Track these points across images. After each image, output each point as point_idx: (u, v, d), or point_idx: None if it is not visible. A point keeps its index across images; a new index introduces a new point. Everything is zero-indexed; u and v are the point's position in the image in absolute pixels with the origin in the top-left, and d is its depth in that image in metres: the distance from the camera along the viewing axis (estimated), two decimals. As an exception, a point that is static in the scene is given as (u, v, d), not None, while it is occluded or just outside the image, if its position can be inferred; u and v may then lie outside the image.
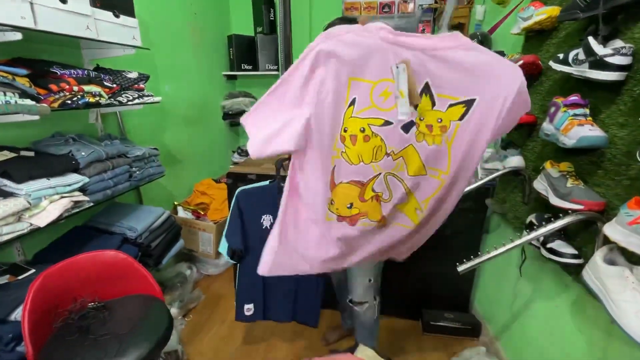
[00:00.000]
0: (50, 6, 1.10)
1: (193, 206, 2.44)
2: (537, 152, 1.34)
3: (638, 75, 0.88)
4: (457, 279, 1.90)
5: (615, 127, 0.95)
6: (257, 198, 1.48)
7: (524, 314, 1.46)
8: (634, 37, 0.90)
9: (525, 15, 1.32)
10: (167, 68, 2.23)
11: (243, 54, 3.00)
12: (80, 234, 1.52)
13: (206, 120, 2.85)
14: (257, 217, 1.50)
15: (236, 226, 1.46)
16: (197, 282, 2.35)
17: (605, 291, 0.86)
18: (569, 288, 1.18)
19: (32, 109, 1.07)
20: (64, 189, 1.21)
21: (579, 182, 1.04)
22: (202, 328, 1.93)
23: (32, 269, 1.23)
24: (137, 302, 1.27)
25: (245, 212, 1.47)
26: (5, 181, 1.08)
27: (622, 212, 0.81)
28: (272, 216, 1.48)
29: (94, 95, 1.34)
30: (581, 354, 1.10)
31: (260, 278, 1.50)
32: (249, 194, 1.49)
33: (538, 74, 1.34)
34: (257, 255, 1.45)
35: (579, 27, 1.12)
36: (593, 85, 1.01)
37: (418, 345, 1.83)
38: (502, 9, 1.78)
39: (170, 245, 1.83)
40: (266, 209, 1.48)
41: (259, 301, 1.60)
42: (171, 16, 2.27)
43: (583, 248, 1.07)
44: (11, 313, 1.08)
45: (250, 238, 1.51)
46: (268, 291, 1.60)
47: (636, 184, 0.88)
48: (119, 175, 1.49)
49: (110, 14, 1.36)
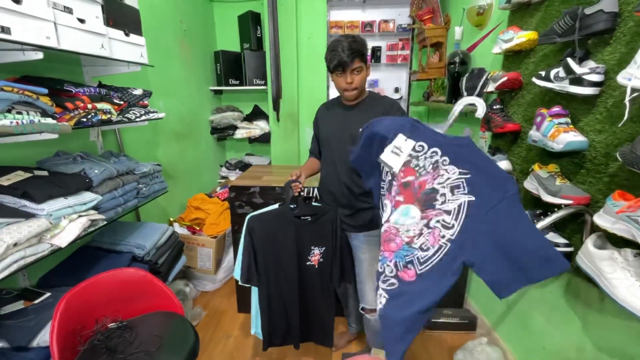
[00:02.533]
0: (71, 26, 1.11)
1: (188, 222, 2.41)
2: (523, 157, 1.52)
3: (609, 90, 1.06)
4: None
5: (594, 133, 1.13)
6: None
7: (520, 303, 1.61)
8: (604, 59, 1.09)
9: (506, 38, 1.51)
10: (160, 84, 2.23)
11: (230, 69, 3.05)
12: (86, 255, 1.48)
13: (195, 135, 2.84)
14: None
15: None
16: (194, 299, 2.30)
17: (599, 272, 1.01)
18: (561, 274, 1.33)
19: (55, 127, 1.06)
20: (81, 207, 1.19)
21: (565, 181, 1.21)
22: (208, 345, 1.90)
23: (46, 292, 1.19)
24: (158, 318, 1.26)
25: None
26: (24, 202, 1.05)
27: (609, 204, 0.97)
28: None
29: (105, 113, 1.34)
30: (577, 331, 1.25)
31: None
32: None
33: (520, 88, 1.53)
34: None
35: (554, 48, 1.31)
36: (571, 97, 1.20)
37: (422, 342, 1.92)
38: (479, 30, 2.00)
39: (175, 262, 1.81)
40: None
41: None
42: (163, 33, 2.28)
43: (572, 238, 1.23)
44: (33, 339, 1.03)
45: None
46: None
47: (615, 180, 1.05)
48: (129, 192, 1.47)
49: (122, 33, 1.38)
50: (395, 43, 2.98)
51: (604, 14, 1.02)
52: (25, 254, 0.99)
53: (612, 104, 1.06)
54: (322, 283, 1.52)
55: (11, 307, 1.10)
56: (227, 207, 2.46)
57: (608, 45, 1.07)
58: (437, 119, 2.85)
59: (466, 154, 0.92)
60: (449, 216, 0.91)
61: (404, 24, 2.91)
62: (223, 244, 2.40)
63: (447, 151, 0.94)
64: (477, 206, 0.88)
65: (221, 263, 2.42)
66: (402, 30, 2.92)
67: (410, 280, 0.97)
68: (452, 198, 0.91)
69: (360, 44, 1.31)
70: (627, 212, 0.90)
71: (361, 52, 1.30)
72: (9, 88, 0.94)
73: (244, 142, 3.31)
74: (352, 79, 1.32)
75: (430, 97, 2.57)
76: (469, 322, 1.99)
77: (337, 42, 1.31)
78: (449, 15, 2.42)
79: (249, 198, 1.99)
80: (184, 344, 1.16)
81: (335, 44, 1.32)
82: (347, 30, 2.95)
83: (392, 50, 3.00)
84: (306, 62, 2.94)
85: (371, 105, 1.43)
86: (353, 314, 1.87)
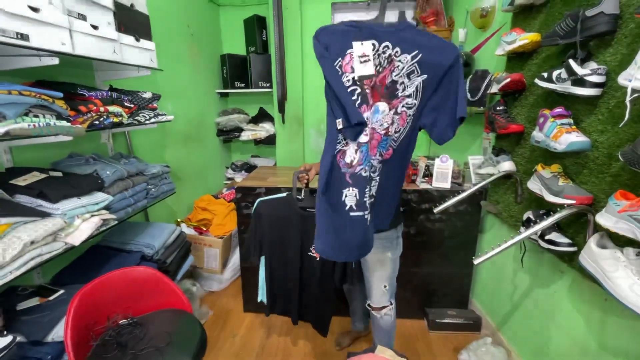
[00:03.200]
0: (85, 32, 1.15)
1: (195, 222, 2.45)
2: (526, 157, 1.53)
3: (611, 91, 1.07)
4: (457, 278, 2.08)
5: (596, 133, 1.14)
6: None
7: (524, 303, 1.62)
8: (605, 60, 1.10)
9: (508, 40, 1.52)
10: (168, 87, 2.28)
11: (236, 72, 3.09)
12: (97, 254, 1.52)
13: (202, 137, 2.88)
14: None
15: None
16: (201, 298, 2.34)
17: (601, 271, 1.02)
18: (564, 274, 1.34)
19: (70, 130, 1.10)
20: (93, 207, 1.23)
21: (568, 181, 1.22)
22: (214, 344, 1.93)
23: (60, 289, 1.23)
24: (168, 316, 1.29)
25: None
26: (40, 201, 1.09)
27: (611, 203, 0.98)
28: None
29: (116, 116, 1.38)
30: (581, 331, 1.25)
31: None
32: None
33: (523, 89, 1.54)
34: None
35: (557, 50, 1.33)
36: (573, 98, 1.21)
37: (427, 343, 1.93)
38: (483, 32, 2.01)
39: (182, 261, 1.85)
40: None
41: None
42: (172, 38, 2.33)
43: (575, 238, 1.24)
44: (48, 334, 1.07)
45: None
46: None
47: (618, 179, 1.06)
48: (138, 192, 1.51)
49: (132, 38, 1.42)
50: (399, 45, 3.00)
51: (605, 16, 1.04)
52: (41, 251, 1.03)
53: (614, 104, 1.07)
54: (322, 277, 1.56)
55: (27, 303, 1.14)
56: (233, 208, 2.49)
57: (609, 47, 1.08)
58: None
59: (410, 36, 0.99)
60: (410, 98, 1.03)
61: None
62: (229, 244, 2.44)
63: (396, 42, 0.97)
64: (429, 80, 1.00)
65: (227, 263, 2.45)
66: (406, 32, 2.94)
67: (387, 158, 1.09)
68: (410, 82, 1.01)
69: None
70: (628, 211, 0.91)
71: None
72: (27, 92, 0.99)
73: (250, 144, 3.35)
74: None
75: (435, 99, 2.58)
76: (474, 322, 1.99)
77: None
78: (452, 18, 2.43)
79: (254, 199, 2.01)
80: (192, 340, 1.19)
81: None
82: (352, 33, 2.98)
83: (396, 52, 3.02)
84: (311, 64, 2.97)
85: None
86: (358, 313, 1.89)
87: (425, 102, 1.02)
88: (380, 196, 1.12)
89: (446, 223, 1.97)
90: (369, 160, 1.03)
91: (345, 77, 0.97)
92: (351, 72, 0.97)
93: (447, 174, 1.90)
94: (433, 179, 1.91)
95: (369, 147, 1.02)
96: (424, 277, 2.07)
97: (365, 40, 0.96)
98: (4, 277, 0.91)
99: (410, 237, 1.98)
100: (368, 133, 1.00)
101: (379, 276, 1.49)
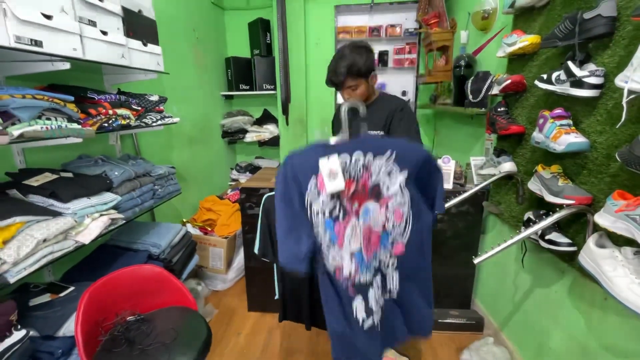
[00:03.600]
0: (95, 38, 1.20)
1: (200, 222, 2.49)
2: (527, 158, 1.54)
3: (610, 92, 1.09)
4: (459, 278, 2.09)
5: (595, 134, 1.15)
6: None
7: (526, 304, 1.63)
8: (604, 62, 1.11)
9: (509, 42, 1.54)
10: (174, 90, 2.32)
11: (240, 74, 3.14)
12: (105, 253, 1.56)
13: (207, 138, 2.93)
14: None
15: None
16: (206, 298, 2.37)
17: (600, 271, 1.03)
18: (565, 274, 1.35)
19: (81, 132, 1.14)
20: (102, 207, 1.27)
21: (568, 181, 1.23)
22: (219, 342, 1.96)
23: (70, 286, 1.26)
24: (174, 313, 1.32)
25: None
26: (51, 201, 1.14)
27: (609, 203, 0.99)
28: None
29: (124, 118, 1.42)
30: (581, 330, 1.26)
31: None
32: None
33: (523, 91, 1.55)
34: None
35: (557, 52, 1.34)
36: (572, 100, 1.22)
37: (429, 342, 1.94)
38: (484, 34, 2.03)
39: (188, 260, 1.88)
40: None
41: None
42: (178, 42, 2.38)
43: (575, 238, 1.25)
44: (59, 329, 1.11)
45: None
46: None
47: (616, 180, 1.07)
48: (145, 193, 1.55)
49: (140, 43, 1.46)
50: (402, 47, 3.02)
51: (603, 19, 1.05)
52: (53, 249, 1.07)
53: (612, 105, 1.08)
54: None
55: (39, 299, 1.18)
56: (238, 209, 2.52)
57: (608, 49, 1.09)
58: (444, 121, 2.87)
59: (377, 142, 1.04)
60: (397, 196, 1.01)
61: (411, 29, 2.95)
62: (234, 244, 2.47)
63: (366, 149, 0.99)
64: (410, 174, 1.01)
65: (232, 263, 2.49)
66: (409, 34, 2.96)
67: (401, 252, 1.05)
68: (392, 181, 1.00)
69: (355, 63, 1.32)
70: (625, 210, 0.92)
71: (355, 71, 1.33)
72: (40, 96, 1.03)
73: (254, 145, 3.39)
74: (349, 94, 1.39)
75: (437, 100, 2.60)
76: (476, 322, 2.00)
77: (333, 61, 1.36)
78: (454, 20, 2.45)
79: (259, 200, 2.04)
80: (197, 337, 1.22)
81: (331, 63, 1.38)
82: (355, 36, 3.01)
83: (399, 54, 3.04)
84: (314, 67, 3.01)
85: (381, 105, 1.50)
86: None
87: (413, 195, 1.02)
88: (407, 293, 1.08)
89: (448, 223, 1.98)
90: (366, 265, 1.03)
91: (322, 196, 0.99)
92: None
93: (449, 174, 1.91)
94: (435, 179, 1.93)
95: (364, 250, 1.02)
96: (427, 277, 2.08)
97: (331, 154, 0.97)
98: (18, 273, 0.95)
99: (413, 238, 1.99)
100: (359, 237, 1.01)
101: None
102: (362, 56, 1.34)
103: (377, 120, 1.48)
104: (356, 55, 1.34)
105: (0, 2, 0.89)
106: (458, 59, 2.14)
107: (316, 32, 2.98)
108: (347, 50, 1.36)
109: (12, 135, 0.93)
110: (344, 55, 1.35)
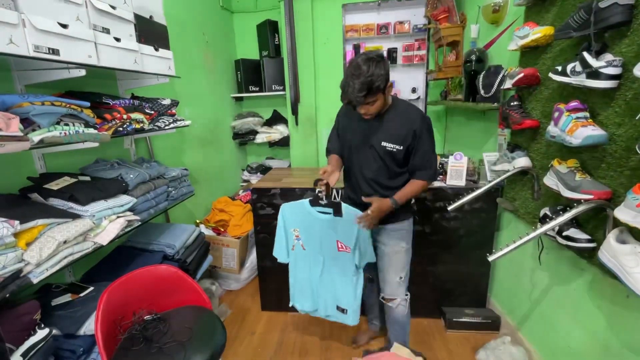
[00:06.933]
0: (109, 44, 1.23)
1: (213, 223, 2.52)
2: (542, 152, 1.50)
3: (628, 83, 1.05)
4: (474, 277, 2.05)
5: (614, 126, 1.11)
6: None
7: (544, 302, 1.59)
8: (622, 51, 1.07)
9: (521, 34, 1.50)
10: (186, 93, 2.36)
11: (250, 76, 3.17)
12: (122, 254, 1.60)
13: (218, 140, 2.97)
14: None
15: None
16: (220, 297, 2.41)
17: (621, 267, 1.00)
18: (584, 271, 1.31)
19: (97, 137, 1.18)
20: (119, 209, 1.30)
21: (585, 176, 1.20)
22: (234, 341, 1.98)
23: (90, 287, 1.30)
24: (189, 312, 1.35)
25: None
26: (71, 204, 1.17)
27: (630, 197, 0.96)
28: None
29: (138, 122, 1.45)
30: (603, 329, 1.22)
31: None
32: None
33: (537, 84, 1.51)
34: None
35: (571, 43, 1.30)
36: (588, 91, 1.19)
37: (444, 341, 1.92)
38: (495, 27, 1.99)
39: (202, 260, 1.91)
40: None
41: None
42: (188, 46, 2.42)
43: (594, 233, 1.21)
44: (80, 328, 1.14)
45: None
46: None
47: (637, 173, 1.04)
48: (160, 195, 1.58)
49: (152, 48, 1.50)
50: (411, 43, 2.99)
51: (619, 7, 1.02)
52: (73, 250, 1.10)
53: (631, 96, 1.05)
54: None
55: (61, 299, 1.22)
56: (250, 209, 2.55)
57: (625, 38, 1.06)
58: (455, 118, 2.83)
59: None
60: None
61: (420, 25, 2.91)
62: (246, 244, 2.50)
63: None
64: None
65: (245, 263, 2.51)
66: (418, 30, 2.93)
67: None
68: None
69: (373, 81, 1.22)
70: (647, 205, 0.89)
71: (374, 89, 1.24)
72: (58, 103, 1.06)
73: (265, 146, 3.42)
74: (366, 110, 1.31)
75: (448, 96, 2.56)
76: (492, 321, 1.96)
77: (349, 80, 1.24)
78: (464, 14, 2.41)
79: (270, 200, 2.06)
80: (212, 336, 1.24)
81: (346, 82, 1.25)
82: (363, 34, 2.99)
83: (408, 50, 3.01)
84: (323, 66, 3.01)
85: (396, 114, 1.40)
86: (374, 310, 1.90)
87: None
88: None
89: (462, 221, 1.95)
90: None
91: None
92: None
93: (461, 171, 1.89)
94: (447, 176, 1.90)
95: None
96: (441, 275, 2.06)
97: None
98: (41, 274, 0.98)
99: (426, 236, 1.98)
100: None
101: (394, 267, 1.53)
102: (380, 70, 1.24)
103: (394, 132, 1.38)
104: (374, 70, 1.22)
105: (19, 13, 0.92)
106: (469, 53, 2.10)
107: (324, 32, 2.98)
108: (362, 64, 1.23)
109: (32, 141, 0.96)
110: (361, 73, 1.22)
